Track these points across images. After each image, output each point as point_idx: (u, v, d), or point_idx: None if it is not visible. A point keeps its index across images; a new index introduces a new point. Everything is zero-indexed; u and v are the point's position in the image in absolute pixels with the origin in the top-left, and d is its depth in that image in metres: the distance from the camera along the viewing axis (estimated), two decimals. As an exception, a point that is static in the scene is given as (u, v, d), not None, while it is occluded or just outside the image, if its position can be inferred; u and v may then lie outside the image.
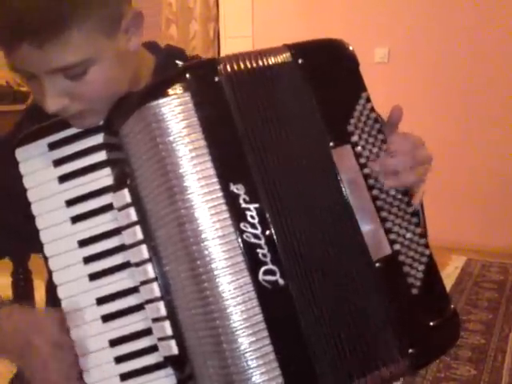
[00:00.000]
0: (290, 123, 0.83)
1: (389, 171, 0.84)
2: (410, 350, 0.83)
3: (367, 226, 0.83)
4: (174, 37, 4.45)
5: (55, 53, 0.75)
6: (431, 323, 0.85)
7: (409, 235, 0.85)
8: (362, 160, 0.84)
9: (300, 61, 0.84)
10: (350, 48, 0.88)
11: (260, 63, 0.83)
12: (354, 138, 0.84)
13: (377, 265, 0.83)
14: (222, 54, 0.85)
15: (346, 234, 0.83)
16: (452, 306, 0.88)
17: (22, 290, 1.18)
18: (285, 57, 0.84)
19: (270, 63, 0.83)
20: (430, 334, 0.85)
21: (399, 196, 0.85)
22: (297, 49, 0.85)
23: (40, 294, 1.10)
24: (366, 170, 0.84)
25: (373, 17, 3.71)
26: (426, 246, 0.86)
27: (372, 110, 0.86)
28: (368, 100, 0.86)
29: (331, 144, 0.83)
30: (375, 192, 0.84)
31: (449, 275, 3.20)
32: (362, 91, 0.86)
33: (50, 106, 0.81)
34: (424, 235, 0.87)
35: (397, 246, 0.84)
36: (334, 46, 0.89)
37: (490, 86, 3.50)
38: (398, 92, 3.66)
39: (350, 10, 3.79)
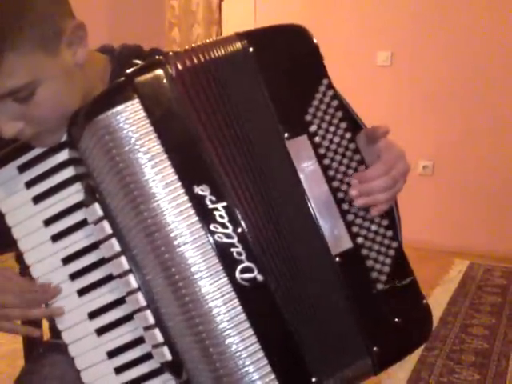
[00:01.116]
0: (244, 116, 0.79)
1: (364, 193, 0.81)
2: (375, 348, 0.81)
3: (326, 219, 0.80)
4: (177, 40, 4.45)
5: None
6: (397, 320, 0.82)
7: (374, 227, 0.82)
8: (322, 150, 0.81)
9: (251, 49, 0.80)
10: (309, 32, 0.83)
11: (211, 56, 0.79)
12: (312, 128, 0.81)
13: (336, 259, 0.80)
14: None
15: (304, 227, 0.80)
16: (424, 302, 0.85)
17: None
18: (235, 46, 0.80)
19: (220, 55, 0.79)
20: (395, 331, 0.82)
21: None
22: (248, 37, 0.81)
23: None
24: (326, 161, 0.81)
25: (376, 20, 3.69)
26: (393, 238, 0.83)
27: (334, 97, 0.82)
28: (329, 87, 0.82)
29: (286, 135, 0.80)
30: (336, 184, 0.81)
31: (452, 279, 3.19)
32: (323, 78, 0.82)
33: (5, 131, 0.79)
34: (391, 227, 0.83)
35: (359, 240, 0.81)
36: (291, 31, 0.85)
37: (494, 87, 3.47)
38: (401, 95, 3.65)
39: (352, 13, 3.76)
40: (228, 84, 0.79)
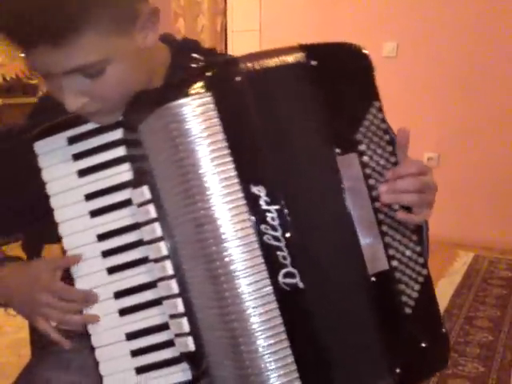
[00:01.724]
0: (299, 125, 0.81)
1: (391, 191, 0.82)
2: (397, 370, 0.82)
3: (367, 238, 0.81)
4: (182, 30, 4.45)
5: (71, 53, 0.75)
6: (421, 344, 0.84)
7: (408, 253, 0.84)
8: (368, 170, 0.82)
9: (313, 62, 0.82)
10: (367, 53, 0.85)
11: (276, 62, 0.81)
12: (362, 148, 0.82)
13: (372, 279, 0.81)
14: (230, 48, 0.85)
15: (345, 243, 0.82)
16: (444, 330, 0.87)
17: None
18: (298, 56, 0.82)
19: (283, 63, 0.81)
20: (418, 355, 0.84)
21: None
22: (311, 49, 0.82)
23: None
24: (371, 181, 0.82)
25: (381, 11, 3.69)
26: (424, 265, 0.85)
27: (383, 120, 0.84)
28: (380, 110, 0.83)
29: (337, 151, 0.81)
30: (377, 204, 0.82)
31: (456, 271, 3.19)
32: (375, 100, 0.84)
33: (69, 105, 0.81)
34: (422, 254, 0.85)
35: (394, 263, 0.83)
36: (350, 51, 0.86)
37: (500, 78, 3.47)
38: (407, 86, 3.64)
39: (358, 4, 3.76)
40: (287, 91, 0.81)
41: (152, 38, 0.84)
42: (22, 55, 0.78)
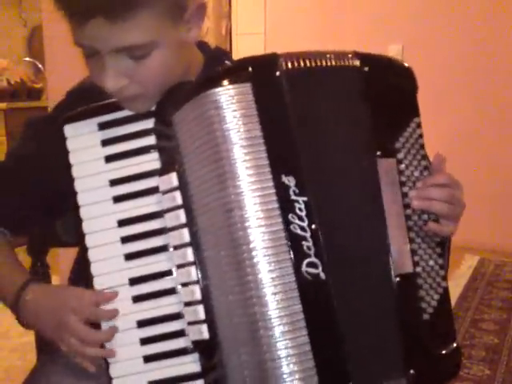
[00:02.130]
0: (342, 125, 0.85)
1: (425, 198, 0.85)
2: (411, 371, 0.83)
3: (395, 240, 0.84)
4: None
5: (125, 30, 0.77)
6: (435, 352, 0.86)
7: (431, 262, 0.87)
8: (403, 178, 0.85)
9: (366, 68, 0.85)
10: (415, 75, 0.90)
11: (323, 63, 0.84)
12: (400, 156, 0.86)
13: (396, 279, 0.84)
14: (234, 52, 0.87)
15: (373, 241, 0.84)
16: (455, 345, 0.88)
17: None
18: (353, 61, 0.85)
19: (334, 64, 0.85)
20: (432, 361, 0.86)
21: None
22: (364, 57, 0.86)
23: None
24: (405, 189, 0.85)
25: (386, 14, 3.69)
26: (444, 278, 0.88)
27: (421, 136, 0.88)
28: (419, 126, 0.87)
29: (378, 153, 0.84)
30: (408, 211, 0.85)
31: (462, 274, 3.18)
32: (416, 116, 0.88)
33: (109, 84, 0.82)
34: (444, 267, 0.88)
35: (418, 269, 0.85)
36: (400, 67, 0.92)
37: (504, 83, 3.47)
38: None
39: (364, 6, 3.77)
40: (334, 91, 0.85)
41: (194, 33, 0.87)
42: (72, 29, 0.81)
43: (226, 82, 0.79)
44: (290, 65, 0.82)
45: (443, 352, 0.86)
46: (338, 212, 0.82)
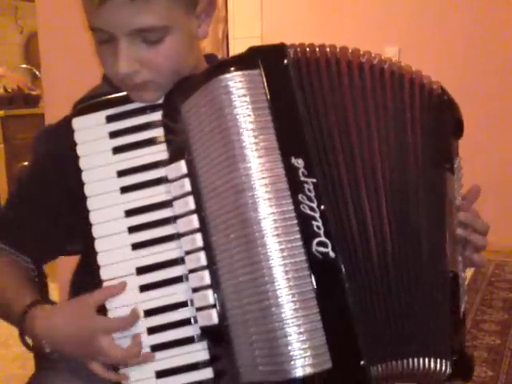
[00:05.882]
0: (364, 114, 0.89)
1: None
2: (454, 358, 0.85)
3: (450, 242, 0.89)
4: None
5: (142, 12, 0.80)
6: (465, 348, 0.90)
7: (463, 275, 0.92)
8: (456, 194, 0.93)
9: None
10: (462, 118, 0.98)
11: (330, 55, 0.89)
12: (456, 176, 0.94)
13: (450, 274, 0.88)
14: (231, 55, 0.88)
15: (434, 233, 0.88)
16: (469, 353, 0.92)
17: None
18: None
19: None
20: (465, 354, 0.89)
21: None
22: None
23: (53, 297, 1.09)
24: (457, 202, 0.93)
25: (383, 16, 3.71)
26: (464, 293, 0.93)
27: (460, 168, 0.97)
28: (460, 167, 0.96)
29: (447, 166, 0.92)
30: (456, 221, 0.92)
31: (462, 275, 3.17)
32: (456, 156, 0.96)
33: (122, 67, 0.84)
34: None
35: (461, 273, 0.91)
36: (454, 104, 1.03)
37: (502, 84, 3.48)
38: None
39: (360, 8, 3.78)
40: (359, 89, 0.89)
41: (204, 29, 0.90)
42: (88, 14, 0.83)
43: (235, 69, 0.82)
44: (298, 54, 0.86)
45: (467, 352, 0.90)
46: (345, 193, 0.84)
